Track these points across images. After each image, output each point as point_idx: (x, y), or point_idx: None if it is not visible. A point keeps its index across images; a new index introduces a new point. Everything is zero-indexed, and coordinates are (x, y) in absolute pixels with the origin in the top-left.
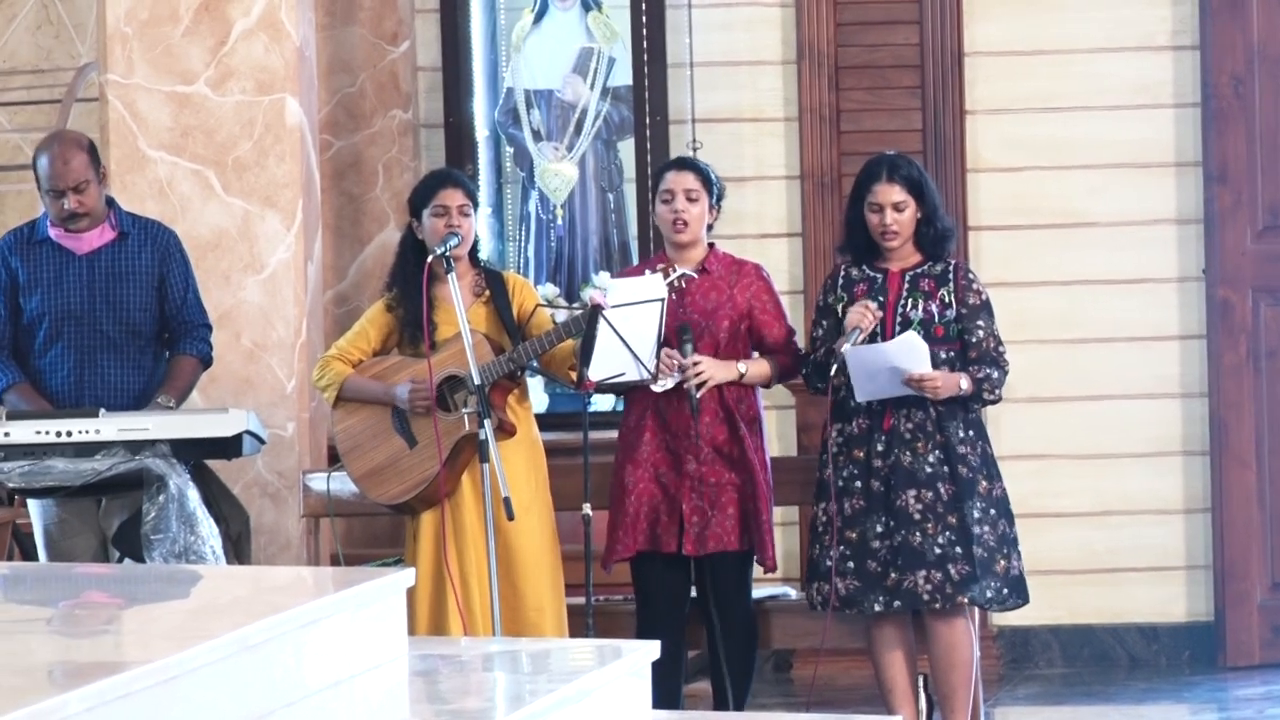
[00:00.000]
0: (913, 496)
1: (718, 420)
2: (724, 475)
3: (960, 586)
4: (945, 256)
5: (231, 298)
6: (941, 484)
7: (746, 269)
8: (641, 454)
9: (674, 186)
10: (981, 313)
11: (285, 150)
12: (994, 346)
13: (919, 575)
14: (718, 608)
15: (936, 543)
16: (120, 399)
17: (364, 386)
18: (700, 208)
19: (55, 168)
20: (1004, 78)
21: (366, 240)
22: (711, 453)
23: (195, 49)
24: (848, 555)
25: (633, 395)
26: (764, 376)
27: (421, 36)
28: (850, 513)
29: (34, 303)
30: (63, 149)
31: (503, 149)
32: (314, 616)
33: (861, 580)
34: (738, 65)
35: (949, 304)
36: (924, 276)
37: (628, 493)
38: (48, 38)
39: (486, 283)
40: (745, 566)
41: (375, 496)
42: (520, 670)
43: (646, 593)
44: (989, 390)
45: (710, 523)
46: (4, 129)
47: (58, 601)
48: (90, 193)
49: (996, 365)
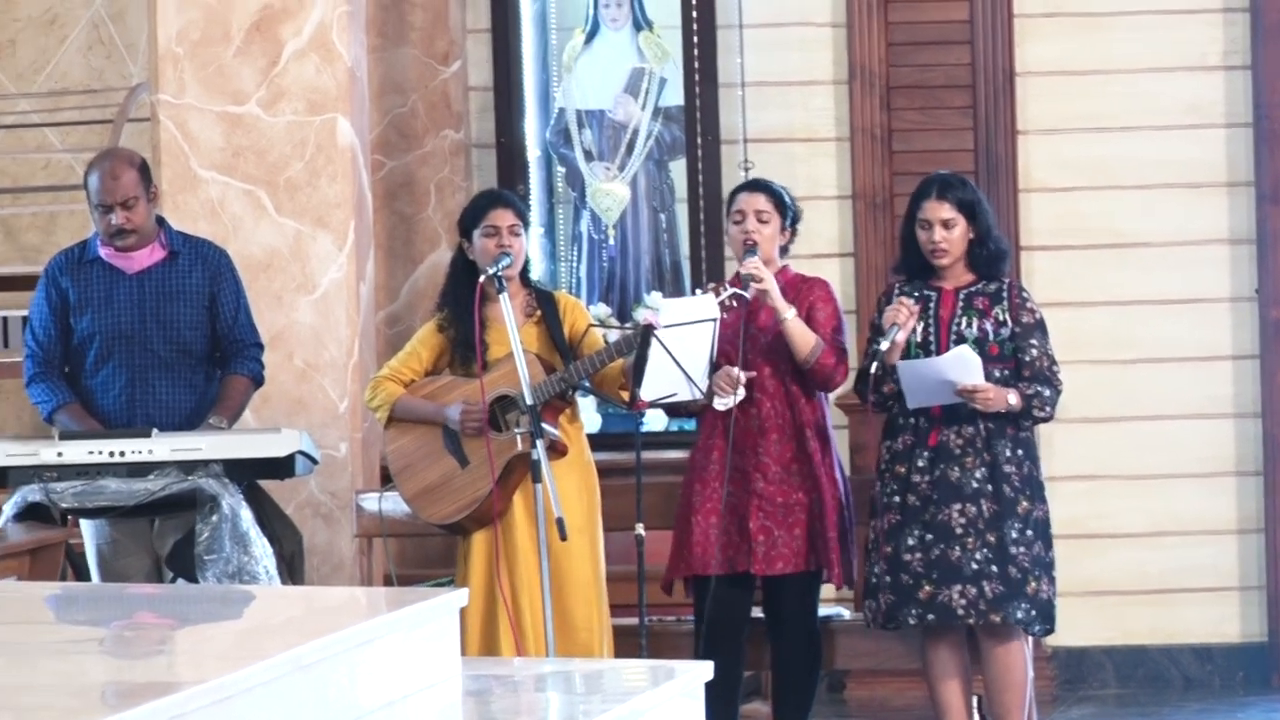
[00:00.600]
0: (956, 511)
1: (785, 438)
2: (792, 495)
3: (995, 604)
4: (999, 277)
5: (284, 318)
6: (985, 500)
7: (812, 283)
8: (710, 472)
9: (745, 207)
10: (1035, 331)
11: (337, 170)
12: (1047, 365)
13: (954, 590)
14: (782, 628)
15: (974, 558)
16: (171, 418)
17: (416, 407)
18: (771, 229)
19: (105, 183)
20: (1056, 98)
21: (419, 260)
22: (780, 471)
23: (247, 69)
24: (885, 571)
25: (703, 414)
26: (804, 335)
27: (473, 56)
28: (887, 528)
29: (85, 323)
30: (113, 165)
31: (554, 169)
32: (367, 637)
33: (896, 594)
34: (789, 85)
35: (1003, 322)
36: (978, 295)
37: (694, 511)
38: (99, 58)
39: (538, 303)
40: (811, 587)
41: (427, 516)
42: (574, 690)
43: (706, 612)
44: (1039, 408)
45: (777, 542)
46: (56, 149)
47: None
48: (139, 210)
49: (1049, 384)
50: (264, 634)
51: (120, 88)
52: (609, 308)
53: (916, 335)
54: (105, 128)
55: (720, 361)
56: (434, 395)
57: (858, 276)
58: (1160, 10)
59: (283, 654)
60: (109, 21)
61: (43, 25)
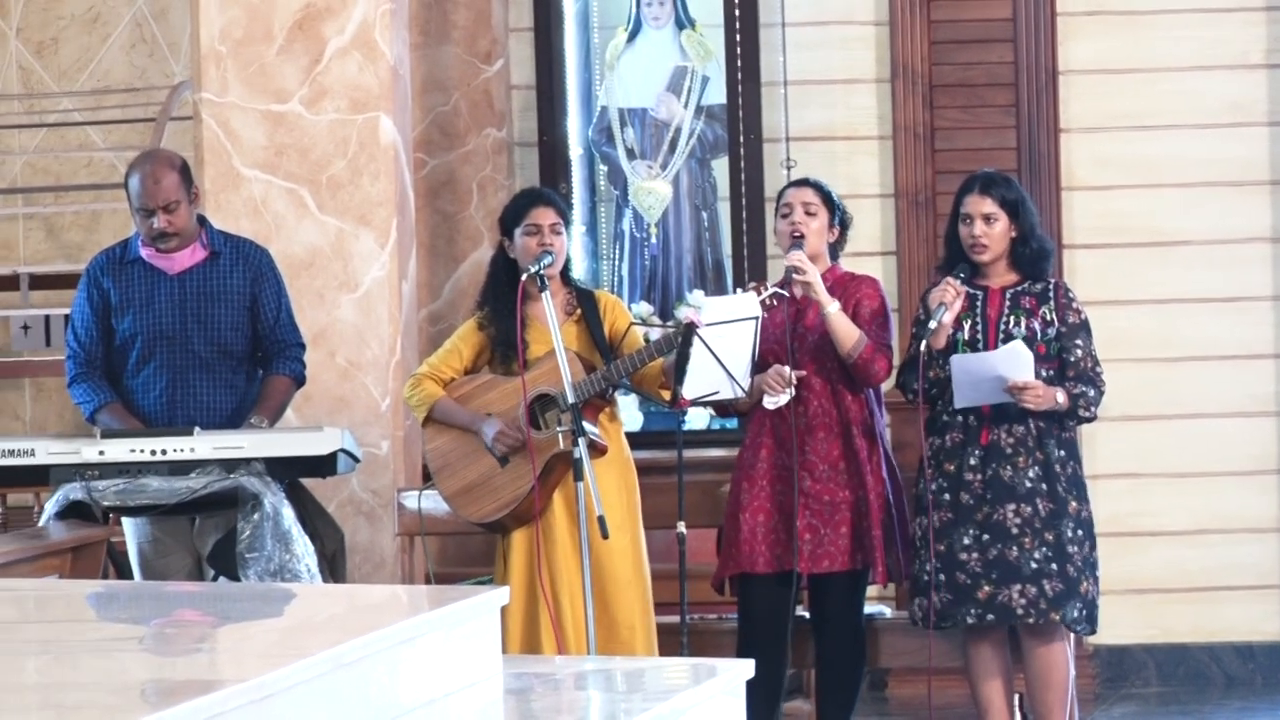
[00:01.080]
0: (1011, 511)
1: (832, 436)
2: (839, 493)
3: (1054, 603)
4: (1043, 276)
5: (326, 316)
6: (1040, 500)
7: (860, 280)
8: (758, 471)
9: (793, 200)
10: (1080, 331)
11: (379, 169)
12: (1091, 366)
13: (1014, 589)
14: (827, 627)
15: (1033, 558)
16: (212, 418)
17: (454, 413)
18: (819, 222)
19: (146, 186)
20: (1098, 96)
21: (461, 258)
22: (826, 470)
23: (289, 68)
24: (939, 568)
25: (751, 412)
26: (848, 329)
27: (515, 55)
28: (939, 525)
29: (126, 323)
30: (154, 168)
31: (597, 167)
32: (409, 635)
33: (953, 593)
34: (832, 84)
35: (1050, 321)
36: (1025, 294)
37: (742, 509)
38: (142, 57)
39: (578, 301)
40: (857, 585)
41: (467, 515)
42: (615, 689)
43: (750, 610)
44: (1084, 407)
45: (824, 541)
46: (99, 148)
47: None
48: (180, 213)
49: (1093, 384)
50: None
51: (163, 86)
52: (651, 306)
53: (964, 333)
54: (147, 126)
55: (768, 360)
56: (474, 394)
57: (900, 275)
58: (1203, 9)
59: (324, 652)
60: (152, 20)
61: (86, 24)
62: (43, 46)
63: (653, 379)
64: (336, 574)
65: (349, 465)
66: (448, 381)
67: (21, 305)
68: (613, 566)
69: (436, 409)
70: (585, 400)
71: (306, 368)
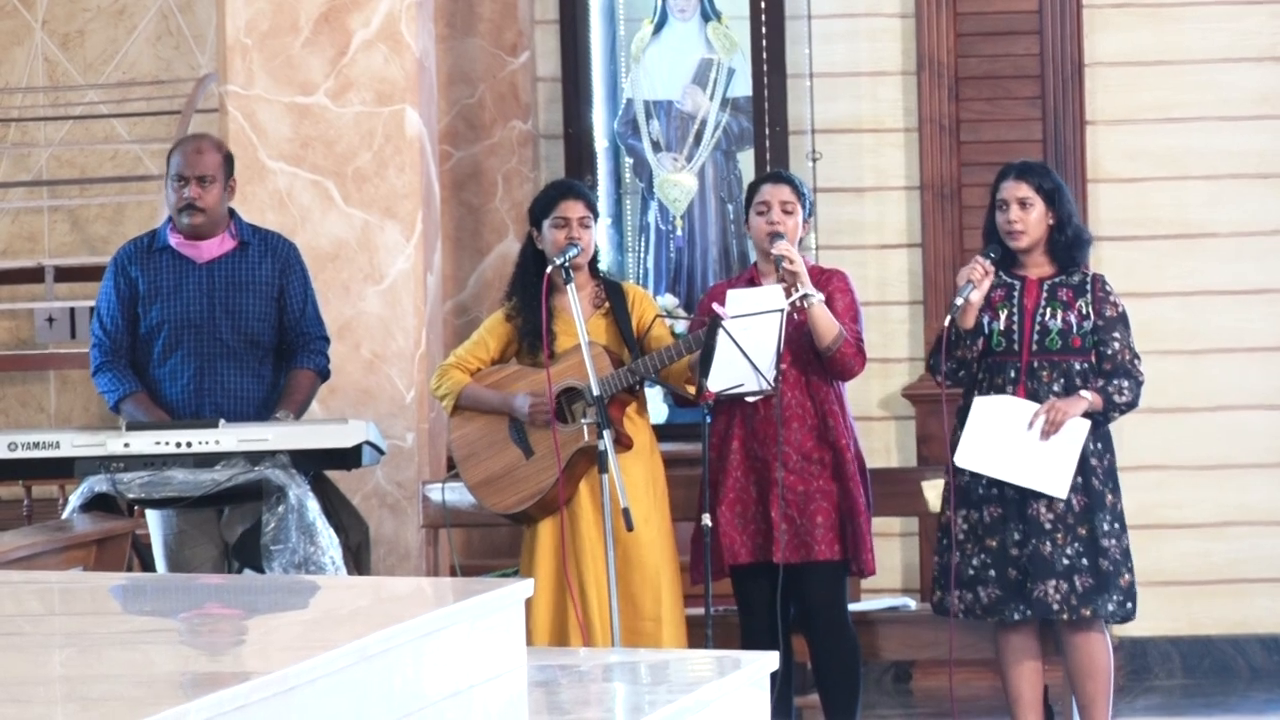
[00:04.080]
0: (1044, 505)
1: (806, 427)
2: (813, 483)
3: (1085, 599)
4: (1080, 266)
5: (351, 308)
6: (1074, 494)
7: (831, 274)
8: (731, 463)
9: (770, 199)
10: (1118, 324)
11: (405, 161)
12: (1129, 359)
13: (1048, 585)
14: (813, 619)
15: (1065, 553)
16: (240, 407)
17: (482, 396)
18: (795, 220)
19: (187, 155)
20: (1125, 88)
21: (486, 251)
22: (800, 460)
23: (315, 60)
24: (988, 563)
25: (719, 405)
26: (829, 322)
27: (541, 47)
28: (989, 520)
29: (154, 312)
30: (200, 142)
31: (622, 160)
32: (433, 627)
33: (1004, 589)
34: (858, 76)
35: (1086, 315)
36: (1062, 286)
37: (719, 504)
38: (168, 49)
39: (606, 294)
40: (837, 576)
41: (490, 505)
42: (639, 681)
43: (746, 603)
44: (1118, 392)
45: (799, 531)
46: (124, 140)
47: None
48: (213, 191)
49: (1130, 376)
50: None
51: (188, 78)
52: (676, 299)
53: (1000, 323)
54: (173, 119)
55: None
56: (501, 384)
57: (925, 268)
58: (1229, 0)
59: (349, 644)
60: (177, 12)
61: (111, 16)
62: (68, 39)
63: (679, 374)
64: (361, 566)
65: (374, 457)
66: (474, 372)
67: (46, 298)
68: (639, 558)
69: (464, 395)
70: (612, 395)
71: (330, 361)
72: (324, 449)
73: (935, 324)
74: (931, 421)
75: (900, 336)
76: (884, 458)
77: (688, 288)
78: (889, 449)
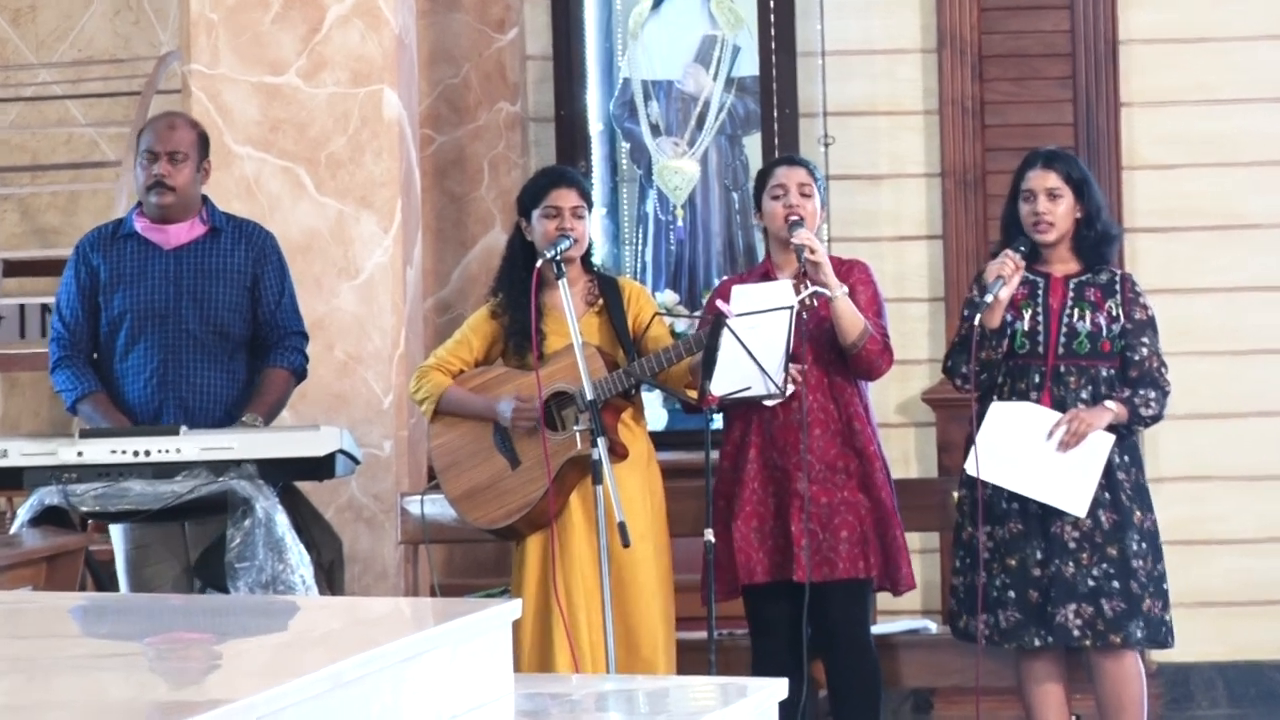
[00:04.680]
0: (1069, 523)
1: (829, 433)
2: (837, 494)
3: (1113, 624)
4: (1108, 264)
5: (324, 305)
6: (1102, 511)
7: (851, 266)
8: (747, 473)
9: (786, 181)
10: (1146, 330)
11: (382, 146)
12: (1156, 367)
13: (1069, 609)
14: (831, 641)
15: (1090, 574)
16: (207, 406)
17: (465, 400)
18: (814, 204)
19: (160, 131)
20: (1162, 68)
21: (470, 243)
22: (823, 470)
23: (286, 37)
24: (1007, 584)
25: (734, 410)
26: (854, 317)
27: (531, 23)
28: (1009, 537)
29: (116, 301)
30: (173, 117)
31: (618, 144)
32: (413, 652)
33: (1023, 613)
34: (873, 54)
35: (1116, 317)
36: (1090, 285)
37: (734, 517)
38: (126, 24)
39: (600, 290)
40: (861, 595)
41: (472, 519)
42: (637, 710)
43: (759, 625)
44: (1144, 404)
45: (821, 547)
46: (79, 123)
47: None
48: (184, 170)
49: (1156, 385)
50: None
51: (149, 57)
52: (676, 295)
53: (1024, 323)
54: (132, 100)
55: None
56: (485, 388)
57: (946, 261)
58: None
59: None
60: None
61: None
62: (19, 14)
63: (679, 377)
64: (334, 585)
65: (348, 467)
66: (457, 374)
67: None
68: (635, 577)
69: (445, 400)
70: (606, 400)
71: (309, 360)
72: (294, 458)
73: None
74: (953, 428)
75: (919, 336)
76: (902, 468)
77: (689, 283)
78: (907, 458)
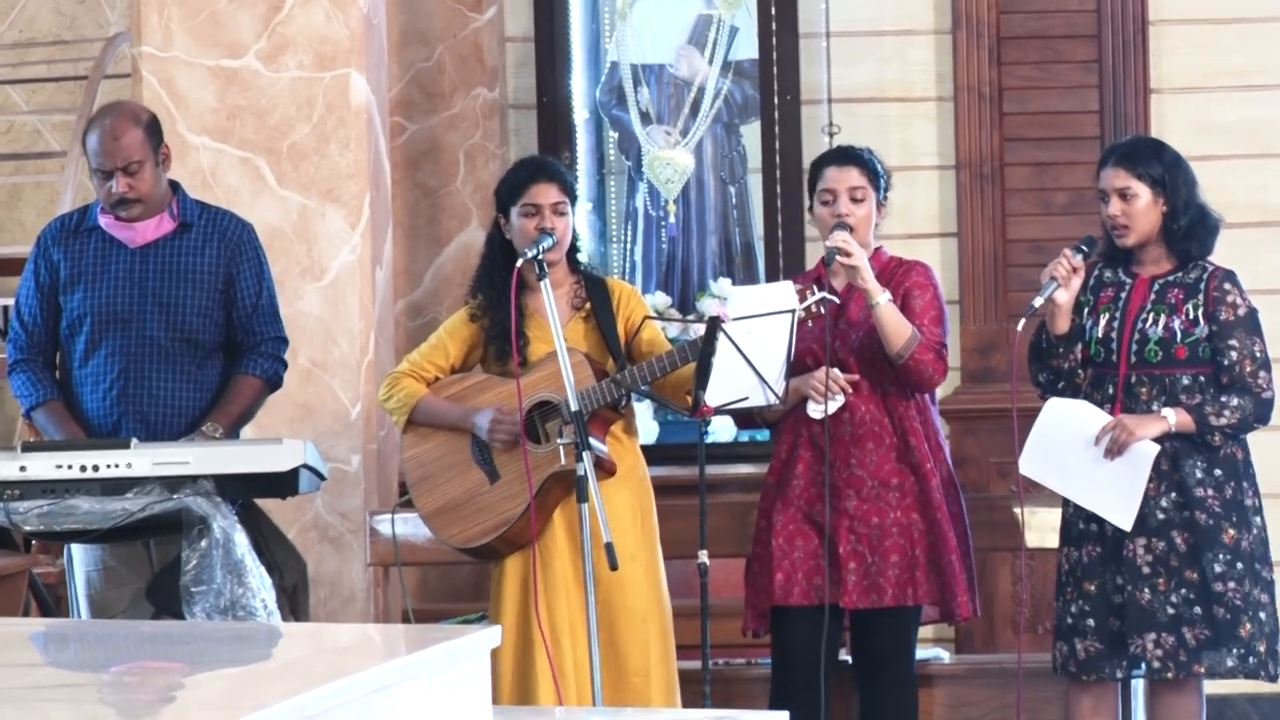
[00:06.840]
0: (1142, 546)
1: (883, 448)
2: (888, 515)
3: (1196, 654)
4: (1198, 259)
5: (286, 308)
6: (1176, 533)
7: (910, 267)
8: (793, 489)
9: (836, 185)
10: (1236, 330)
11: (349, 135)
12: (1248, 370)
13: (1147, 639)
14: (873, 673)
15: (1169, 601)
16: (169, 418)
17: (439, 409)
18: (867, 208)
19: (104, 144)
20: (1195, 50)
21: (445, 241)
22: (875, 487)
23: (244, 17)
24: (1086, 611)
25: (785, 421)
26: (899, 325)
27: (510, 2)
28: (1087, 561)
29: (75, 301)
30: (114, 123)
31: (605, 134)
32: (383, 682)
33: (1103, 642)
34: (882, 35)
35: (1195, 320)
36: (1173, 286)
37: (775, 535)
38: (71, 4)
39: (587, 292)
40: (908, 625)
41: (446, 537)
42: None
43: (785, 652)
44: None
45: (870, 570)
46: (21, 110)
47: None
48: (144, 176)
49: (1247, 392)
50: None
51: (96, 39)
52: (669, 297)
53: (1099, 329)
54: (78, 85)
55: (805, 361)
56: (463, 396)
57: (961, 260)
58: None
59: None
60: None
61: None
62: None
63: (673, 387)
64: (298, 611)
65: (313, 483)
66: (431, 381)
67: None
68: (623, 602)
69: (419, 409)
70: (593, 411)
71: (286, 368)
72: (254, 473)
73: (973, 325)
74: (968, 441)
75: None
76: None
77: (681, 285)
78: None
